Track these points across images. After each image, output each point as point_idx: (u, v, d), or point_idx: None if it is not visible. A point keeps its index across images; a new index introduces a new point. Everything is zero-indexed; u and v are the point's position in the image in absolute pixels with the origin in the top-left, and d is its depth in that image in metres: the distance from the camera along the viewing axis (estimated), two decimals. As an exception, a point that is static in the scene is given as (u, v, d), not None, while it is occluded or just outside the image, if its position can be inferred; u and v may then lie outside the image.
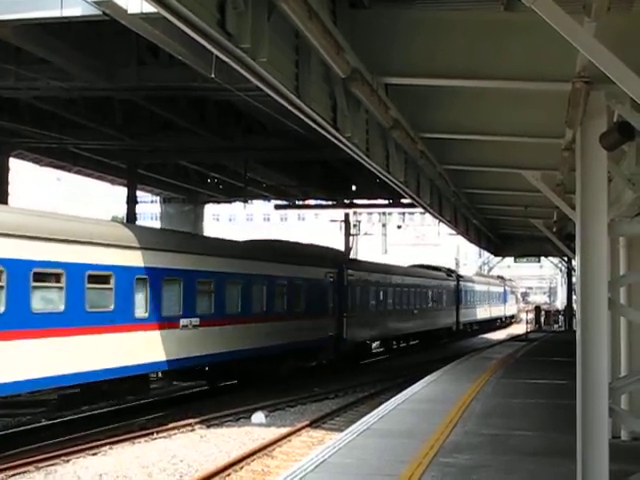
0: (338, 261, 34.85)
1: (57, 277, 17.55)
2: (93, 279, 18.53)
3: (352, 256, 49.11)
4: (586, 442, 8.52)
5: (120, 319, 19.38)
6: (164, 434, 18.75)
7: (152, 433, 18.62)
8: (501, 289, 79.47)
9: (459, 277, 60.37)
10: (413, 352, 45.14)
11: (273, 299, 27.77)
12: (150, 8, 8.62)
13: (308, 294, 30.48)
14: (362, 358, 37.33)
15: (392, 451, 12.85)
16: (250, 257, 26.43)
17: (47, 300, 17.45)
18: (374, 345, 41.95)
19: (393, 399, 19.05)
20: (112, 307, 19.13)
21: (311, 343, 30.55)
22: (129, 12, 12.63)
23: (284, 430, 18.95)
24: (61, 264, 17.60)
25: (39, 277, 17.02)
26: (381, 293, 39.90)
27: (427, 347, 47.56)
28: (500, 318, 77.83)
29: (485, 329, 67.99)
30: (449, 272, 58.39)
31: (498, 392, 20.47)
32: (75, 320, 17.89)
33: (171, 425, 19.38)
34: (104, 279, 19.00)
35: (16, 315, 16.34)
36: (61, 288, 17.59)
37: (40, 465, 15.50)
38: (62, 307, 17.59)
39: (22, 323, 16.47)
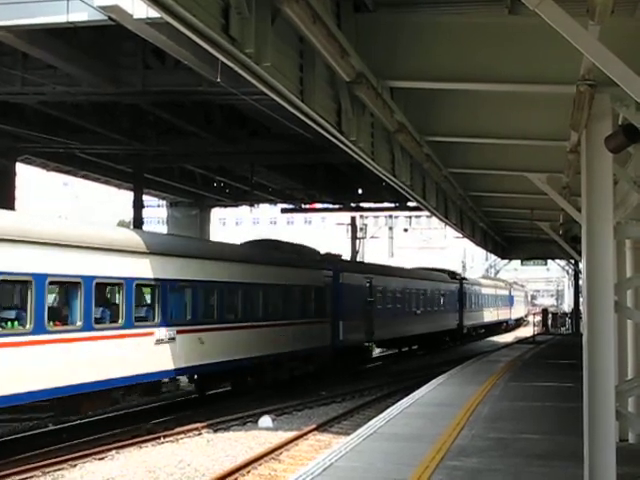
0: (459, 278, 56.81)
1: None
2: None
3: (359, 259, 53.68)
4: (593, 445, 8.50)
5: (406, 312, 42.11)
6: (171, 438, 18.74)
7: (159, 437, 18.61)
8: (523, 294, 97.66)
9: (510, 285, 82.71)
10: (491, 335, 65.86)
11: (438, 302, 49.13)
12: (155, 13, 8.66)
13: (448, 298, 51.75)
14: (469, 337, 57.64)
15: (399, 455, 12.83)
16: (425, 279, 47.66)
17: None
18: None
19: (400, 402, 19.03)
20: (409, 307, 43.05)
21: (450, 327, 51.88)
22: (135, 17, 12.68)
23: (291, 434, 18.94)
24: None
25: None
26: (478, 297, 62.04)
27: (498, 333, 69.29)
28: (523, 316, 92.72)
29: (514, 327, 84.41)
30: (507, 283, 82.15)
31: (505, 395, 20.43)
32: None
33: (178, 429, 19.37)
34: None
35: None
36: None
37: (47, 470, 15.49)
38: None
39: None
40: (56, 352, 16.29)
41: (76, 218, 61.97)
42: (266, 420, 20.89)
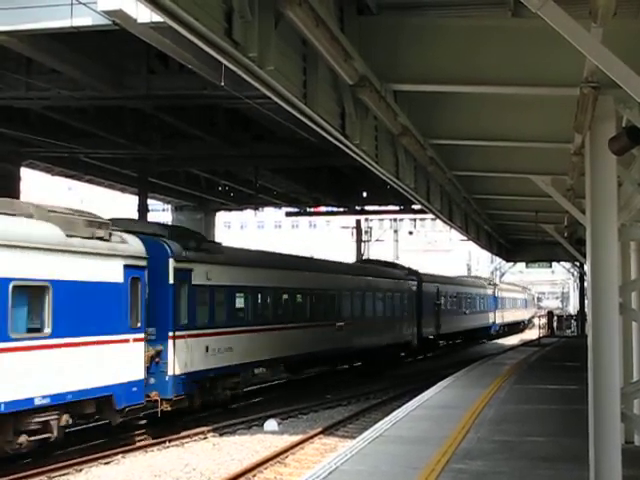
0: (493, 284, 69.16)
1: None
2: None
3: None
4: (598, 447, 8.49)
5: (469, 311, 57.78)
6: (177, 442, 18.73)
7: (165, 442, 18.61)
8: (531, 297, 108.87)
9: (525, 289, 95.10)
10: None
11: (480, 304, 61.96)
12: (159, 18, 8.65)
13: (486, 301, 64.51)
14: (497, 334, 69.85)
15: (404, 458, 12.82)
16: (471, 285, 60.85)
17: None
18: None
19: (405, 405, 19.01)
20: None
21: (487, 325, 64.20)
22: (139, 22, 12.66)
23: (297, 438, 18.93)
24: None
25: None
26: (506, 300, 74.26)
27: (516, 332, 79.16)
28: (532, 318, 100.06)
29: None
30: (523, 287, 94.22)
31: (511, 398, 20.41)
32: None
33: (184, 433, 19.36)
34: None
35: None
36: None
37: (53, 475, 15.50)
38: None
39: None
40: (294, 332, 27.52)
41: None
42: (272, 424, 20.89)
